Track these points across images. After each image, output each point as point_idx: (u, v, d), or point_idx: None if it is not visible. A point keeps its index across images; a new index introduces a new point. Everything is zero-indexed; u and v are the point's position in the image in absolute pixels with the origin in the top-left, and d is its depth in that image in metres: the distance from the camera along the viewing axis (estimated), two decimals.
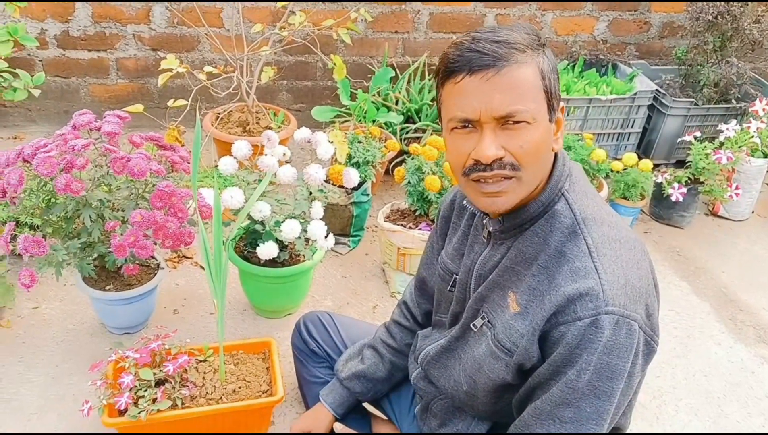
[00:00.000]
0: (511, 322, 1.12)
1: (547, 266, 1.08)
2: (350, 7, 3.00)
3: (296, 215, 1.96)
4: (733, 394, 2.03)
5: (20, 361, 1.92)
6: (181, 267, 2.35)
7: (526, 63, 1.01)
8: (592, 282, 1.02)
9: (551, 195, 1.10)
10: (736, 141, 2.74)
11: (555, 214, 1.09)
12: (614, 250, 1.06)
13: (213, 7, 2.97)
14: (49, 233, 1.80)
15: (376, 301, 2.28)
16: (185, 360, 1.60)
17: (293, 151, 2.86)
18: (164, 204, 1.73)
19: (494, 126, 1.02)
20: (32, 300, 2.13)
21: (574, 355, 1.02)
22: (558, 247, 1.08)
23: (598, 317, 1.00)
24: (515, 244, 1.13)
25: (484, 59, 1.00)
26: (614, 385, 1.03)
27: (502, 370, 1.14)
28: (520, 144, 1.02)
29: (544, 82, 1.03)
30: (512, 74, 1.00)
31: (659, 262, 2.61)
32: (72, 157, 1.66)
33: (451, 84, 1.03)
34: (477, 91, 1.01)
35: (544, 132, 1.04)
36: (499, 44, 1.00)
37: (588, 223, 1.08)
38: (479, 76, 1.00)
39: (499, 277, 1.16)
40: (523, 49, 1.01)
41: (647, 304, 1.06)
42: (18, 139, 3.04)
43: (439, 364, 1.33)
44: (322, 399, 1.54)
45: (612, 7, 3.28)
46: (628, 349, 1.02)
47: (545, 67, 1.04)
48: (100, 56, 3.03)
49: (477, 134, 1.03)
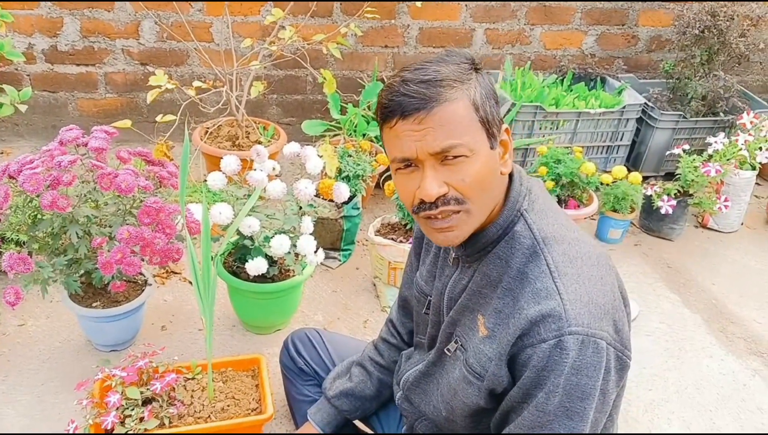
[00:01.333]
0: (480, 346, 1.12)
1: (510, 288, 1.08)
2: (340, 21, 3.01)
3: (286, 230, 1.94)
4: (725, 406, 2.02)
5: (5, 379, 1.89)
6: (169, 283, 2.33)
7: (456, 99, 1.01)
8: (554, 303, 1.01)
9: (509, 216, 1.10)
10: (724, 154, 2.76)
11: (515, 235, 1.10)
12: (576, 268, 1.05)
13: (202, 22, 2.97)
14: (35, 250, 1.78)
15: (367, 316, 2.27)
16: (173, 378, 1.58)
17: (283, 166, 2.85)
18: (152, 220, 1.72)
19: (434, 162, 1.03)
20: (18, 317, 2.10)
21: (541, 378, 1.02)
22: (520, 268, 1.08)
23: (561, 338, 0.99)
24: (480, 267, 1.14)
25: (413, 103, 1.00)
26: (586, 404, 1.02)
27: (474, 395, 1.14)
28: (461, 177, 1.03)
29: (479, 113, 1.03)
30: (442, 113, 1.00)
31: (649, 275, 2.61)
32: (58, 174, 1.65)
33: (388, 128, 1.05)
34: (411, 133, 1.02)
35: (486, 161, 1.04)
36: (426, 84, 1.01)
37: (548, 243, 1.07)
38: (411, 119, 1.01)
39: (467, 300, 1.16)
40: (452, 85, 1.02)
41: (615, 320, 1.05)
42: (5, 154, 3.02)
43: (418, 390, 1.32)
44: (310, 418, 1.53)
45: (600, 21, 3.30)
46: (596, 368, 1.01)
47: (477, 97, 1.03)
48: (88, 70, 3.01)
49: (419, 172, 1.04)
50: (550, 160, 2.59)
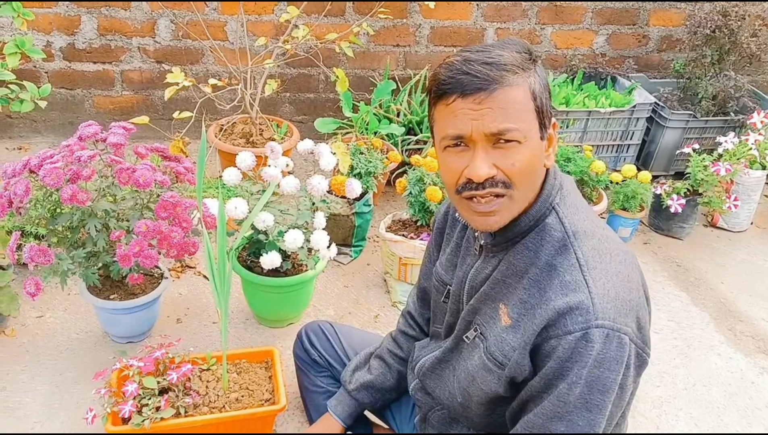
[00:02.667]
0: (502, 335, 1.13)
1: (537, 279, 1.09)
2: (352, 21, 3.04)
3: (299, 225, 1.98)
4: (732, 404, 2.03)
5: (24, 369, 1.93)
6: (184, 277, 2.37)
7: (517, 84, 1.02)
8: (582, 296, 1.02)
9: (542, 209, 1.11)
10: (734, 153, 2.76)
11: (546, 227, 1.11)
12: (604, 263, 1.07)
13: (217, 21, 3.01)
14: (54, 243, 1.82)
15: (378, 311, 2.30)
16: (188, 369, 1.61)
17: (296, 162, 2.89)
18: (169, 214, 1.75)
19: (486, 144, 1.03)
20: (37, 309, 2.15)
21: (565, 369, 1.03)
22: (548, 261, 1.09)
23: (588, 331, 1.01)
24: (506, 256, 1.15)
25: (476, 82, 1.01)
26: (605, 398, 1.04)
27: (494, 383, 1.15)
28: (511, 162, 1.04)
29: (535, 102, 1.04)
30: (503, 96, 1.01)
31: (658, 273, 2.62)
32: (78, 168, 1.69)
33: (443, 105, 1.05)
34: (469, 111, 1.02)
35: (536, 150, 1.06)
36: (490, 66, 1.01)
37: (578, 237, 1.09)
38: (471, 99, 1.01)
39: (490, 289, 1.17)
40: (515, 71, 1.02)
41: (638, 317, 1.07)
42: (23, 150, 3.07)
43: (434, 376, 1.34)
44: (331, 410, 1.55)
45: (611, 20, 3.31)
46: (618, 362, 1.03)
47: (536, 86, 1.05)
48: (105, 68, 3.06)
49: (469, 152, 1.05)
50: (560, 159, 2.60)
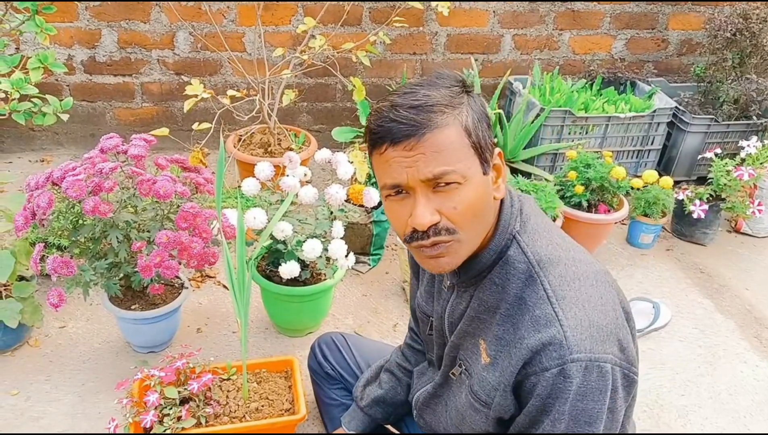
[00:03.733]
0: (483, 374, 1.11)
1: (510, 314, 1.06)
2: (369, 30, 3.05)
3: (317, 235, 1.98)
4: (759, 413, 2.00)
5: (48, 379, 1.95)
6: (204, 286, 2.38)
7: (447, 124, 0.98)
8: (554, 330, 0.99)
9: (501, 241, 1.08)
10: (757, 157, 2.72)
11: (509, 260, 1.07)
12: (573, 290, 1.03)
13: (235, 32, 3.03)
14: (76, 254, 1.84)
15: (397, 320, 2.29)
16: (209, 378, 1.62)
17: (314, 172, 2.90)
18: (189, 225, 1.77)
19: (425, 190, 1.00)
20: (59, 319, 2.17)
21: (547, 405, 1.01)
22: (517, 294, 1.06)
23: (564, 366, 0.98)
24: (476, 292, 1.12)
25: (403, 129, 0.97)
26: (593, 428, 1.01)
27: (482, 422, 1.14)
28: (453, 205, 1.00)
29: (471, 138, 1.00)
30: (434, 139, 0.97)
31: (682, 280, 2.59)
32: (100, 180, 1.71)
33: (377, 154, 1.02)
34: (401, 159, 0.99)
35: (479, 187, 1.02)
36: (417, 109, 0.97)
37: (543, 266, 1.05)
38: (401, 146, 0.98)
39: (467, 326, 1.15)
40: (443, 110, 0.98)
41: (619, 339, 1.02)
42: (45, 162, 3.11)
43: (429, 410, 1.33)
44: (345, 426, 1.55)
45: (629, 25, 3.29)
46: (602, 391, 0.99)
47: (469, 122, 1.00)
48: (125, 81, 3.10)
49: (411, 199, 1.01)
50: (580, 165, 2.58)
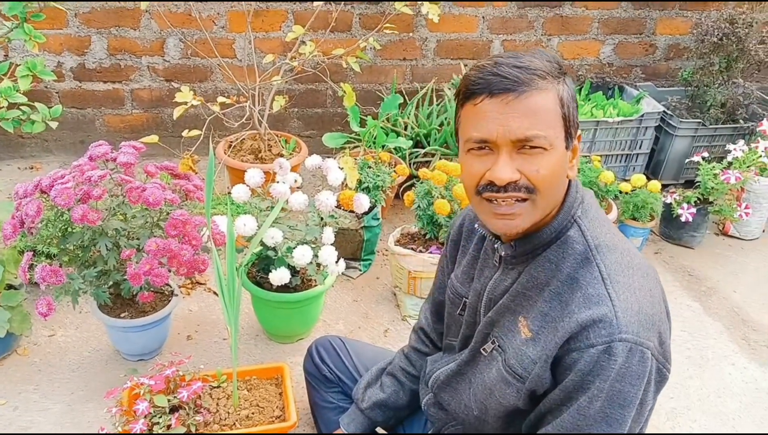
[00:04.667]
0: (522, 348, 1.12)
1: (559, 292, 1.08)
2: (359, 36, 3.06)
3: (308, 241, 1.98)
4: (747, 414, 2.01)
5: (36, 389, 1.94)
6: (194, 293, 2.38)
7: (547, 90, 1.02)
8: (606, 309, 1.02)
9: (564, 221, 1.10)
10: (744, 161, 2.75)
11: (567, 240, 1.10)
12: (627, 277, 1.06)
13: (225, 39, 3.03)
14: (65, 262, 1.83)
15: (388, 325, 2.29)
16: (199, 386, 1.61)
17: (304, 178, 2.90)
18: (179, 232, 1.76)
19: (511, 149, 1.02)
20: (48, 328, 2.16)
21: (586, 382, 1.02)
22: (570, 274, 1.08)
23: (611, 344, 1.00)
24: (527, 269, 1.14)
25: (505, 83, 1.00)
26: (626, 412, 1.03)
27: (513, 396, 1.14)
28: (536, 168, 1.02)
29: (563, 109, 1.04)
30: (532, 99, 1.00)
31: (670, 283, 2.60)
32: (89, 188, 1.70)
33: (471, 105, 1.04)
34: (496, 114, 1.01)
35: (560, 158, 1.05)
36: (520, 69, 1.01)
37: (601, 250, 1.08)
38: (499, 99, 1.01)
39: (509, 301, 1.16)
40: (544, 76, 1.02)
41: (660, 332, 1.05)
42: (35, 170, 3.10)
43: (449, 389, 1.32)
44: (344, 428, 1.54)
45: (617, 30, 3.32)
46: (640, 377, 1.01)
47: (565, 95, 1.04)
48: (115, 87, 3.10)
49: (493, 156, 1.04)
50: None
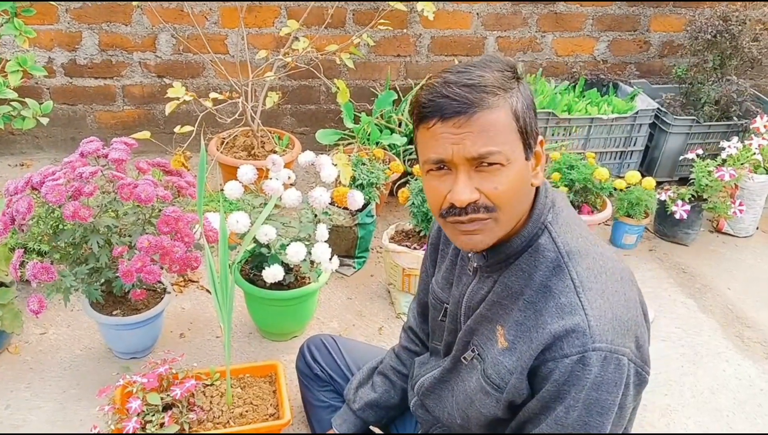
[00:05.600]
0: (499, 358, 1.11)
1: (533, 301, 1.07)
2: (353, 32, 3.05)
3: (301, 238, 1.97)
4: (741, 411, 2.01)
5: (28, 387, 1.93)
6: (187, 291, 2.36)
7: (498, 106, 1.00)
8: (578, 318, 1.01)
9: (534, 229, 1.09)
10: (738, 158, 2.75)
11: (539, 248, 1.09)
12: (600, 283, 1.05)
13: (218, 35, 3.01)
14: (56, 259, 1.81)
15: (382, 323, 2.28)
16: (192, 384, 1.60)
17: (298, 175, 2.89)
18: (171, 229, 1.75)
19: (468, 168, 1.01)
20: (40, 326, 2.14)
21: (562, 392, 1.02)
22: (543, 282, 1.07)
23: (585, 354, 0.99)
24: (501, 278, 1.13)
25: (455, 106, 0.99)
26: (604, 419, 1.02)
27: (492, 406, 1.14)
28: (494, 186, 1.01)
29: (518, 122, 1.02)
30: (484, 119, 0.99)
31: (664, 280, 2.61)
32: (80, 185, 1.69)
33: (424, 128, 1.03)
34: (449, 135, 1.00)
35: (520, 171, 1.04)
36: (470, 88, 0.99)
37: (572, 257, 1.07)
38: (451, 122, 0.99)
39: (486, 310, 1.16)
40: (495, 92, 1.00)
41: (636, 336, 1.05)
42: (25, 166, 3.08)
43: (433, 395, 1.33)
44: (336, 428, 1.54)
45: (611, 27, 3.31)
46: (617, 384, 1.01)
47: (519, 106, 1.02)
48: (106, 83, 3.07)
49: (452, 176, 1.03)
50: (563, 166, 2.60)
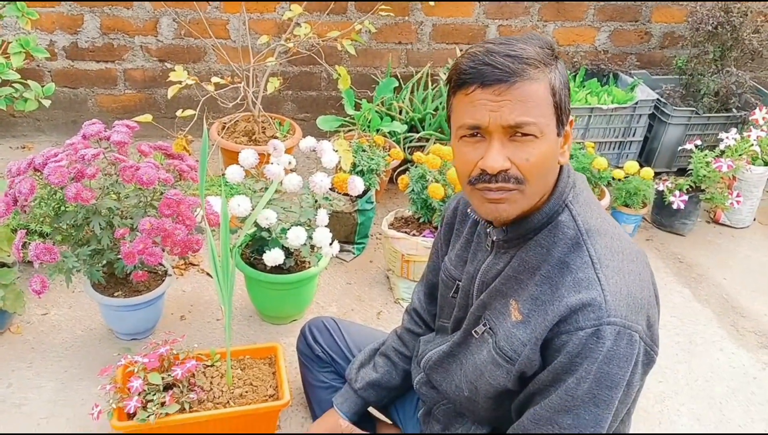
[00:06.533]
0: (512, 331, 1.13)
1: (550, 276, 1.10)
2: (354, 18, 3.05)
3: (302, 223, 1.99)
4: (735, 399, 2.04)
5: (29, 366, 1.95)
6: (187, 274, 2.38)
7: (538, 79, 1.03)
8: (595, 293, 1.04)
9: (555, 206, 1.12)
10: (736, 149, 2.77)
11: (558, 225, 1.11)
12: (617, 261, 1.07)
13: (219, 19, 3.01)
14: (58, 241, 1.83)
15: (381, 308, 2.31)
16: (193, 365, 1.62)
17: (299, 160, 2.89)
18: (172, 212, 1.76)
19: (502, 136, 1.04)
20: (41, 306, 2.16)
21: (574, 364, 1.04)
22: (561, 258, 1.09)
23: (599, 328, 1.02)
24: (518, 253, 1.15)
25: (497, 73, 1.01)
26: (613, 393, 1.05)
27: (503, 377, 1.16)
28: (526, 157, 1.04)
29: (555, 98, 1.05)
30: (523, 89, 1.01)
31: (661, 269, 2.63)
32: (82, 167, 1.70)
33: (463, 94, 1.05)
34: (488, 102, 1.02)
35: (551, 146, 1.06)
36: (512, 59, 1.01)
37: (591, 235, 1.09)
38: (491, 90, 1.02)
39: (501, 285, 1.18)
40: (536, 65, 1.03)
41: (648, 316, 1.08)
42: (27, 149, 3.08)
43: (441, 369, 1.34)
44: (337, 407, 1.56)
45: (613, 17, 3.32)
46: (628, 359, 1.04)
47: (556, 82, 1.05)
48: (108, 67, 3.07)
49: (485, 143, 1.05)
50: None
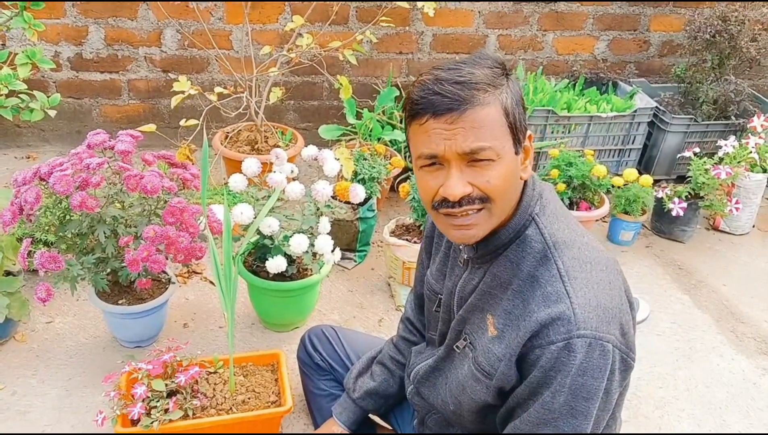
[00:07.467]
0: (489, 346, 1.15)
1: (520, 291, 1.11)
2: (356, 29, 3.08)
3: (304, 230, 2.01)
4: (734, 404, 2.05)
5: (34, 374, 1.96)
6: (190, 282, 2.40)
7: (489, 103, 1.03)
8: (564, 306, 1.04)
9: (521, 220, 1.13)
10: (735, 156, 2.78)
11: (526, 239, 1.12)
12: (585, 272, 1.08)
13: (222, 30, 3.05)
14: (63, 249, 1.85)
15: (382, 315, 2.32)
16: (196, 371, 1.64)
17: (301, 169, 2.91)
18: (176, 220, 1.79)
19: (460, 163, 1.05)
20: (46, 314, 2.18)
21: (548, 377, 1.05)
22: (530, 272, 1.11)
23: (570, 341, 1.03)
24: (490, 268, 1.17)
25: (446, 103, 1.02)
26: (590, 404, 1.06)
27: (483, 392, 1.18)
28: (486, 179, 1.05)
29: (508, 118, 1.05)
30: (475, 115, 1.02)
31: (660, 276, 2.64)
32: (87, 176, 1.72)
33: (417, 125, 1.06)
34: (441, 131, 1.03)
35: (510, 165, 1.07)
36: (461, 85, 1.02)
37: (558, 247, 1.10)
38: (443, 119, 1.03)
39: (477, 300, 1.19)
40: (485, 89, 1.03)
41: (621, 323, 1.08)
42: (31, 159, 3.11)
43: (428, 383, 1.37)
44: (336, 418, 1.58)
45: (612, 26, 3.34)
46: (602, 370, 1.05)
47: (508, 102, 1.05)
48: (112, 78, 3.11)
49: (444, 171, 1.06)
50: (562, 163, 2.63)
